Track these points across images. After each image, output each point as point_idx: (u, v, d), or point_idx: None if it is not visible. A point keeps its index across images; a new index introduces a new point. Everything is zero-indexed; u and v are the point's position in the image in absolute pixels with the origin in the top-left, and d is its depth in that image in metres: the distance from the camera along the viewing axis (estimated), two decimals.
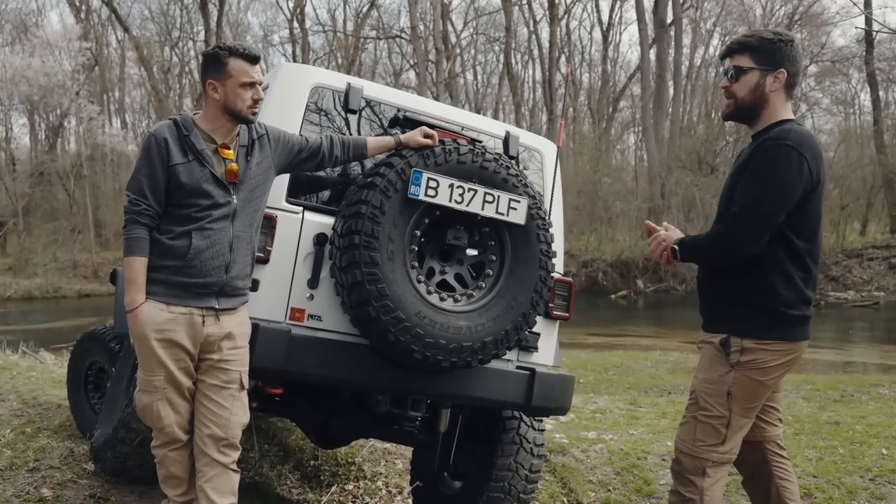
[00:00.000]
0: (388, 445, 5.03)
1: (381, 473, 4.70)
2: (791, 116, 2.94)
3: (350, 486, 4.47)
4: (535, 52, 43.26)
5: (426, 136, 3.18)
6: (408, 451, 4.80)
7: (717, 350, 2.88)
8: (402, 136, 3.20)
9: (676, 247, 2.96)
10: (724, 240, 2.85)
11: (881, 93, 35.38)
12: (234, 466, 2.97)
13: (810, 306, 2.92)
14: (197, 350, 2.90)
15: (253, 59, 2.95)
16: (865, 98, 38.80)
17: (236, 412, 2.95)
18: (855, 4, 24.25)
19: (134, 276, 2.83)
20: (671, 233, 3.05)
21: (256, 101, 2.95)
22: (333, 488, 4.39)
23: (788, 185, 2.74)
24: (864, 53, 33.15)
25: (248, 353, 2.98)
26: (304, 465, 4.65)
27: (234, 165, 2.91)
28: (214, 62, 2.93)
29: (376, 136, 3.36)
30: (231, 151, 2.94)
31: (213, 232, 2.86)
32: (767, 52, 2.89)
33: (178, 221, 2.86)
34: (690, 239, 2.99)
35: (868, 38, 32.04)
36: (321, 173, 3.35)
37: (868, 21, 26.07)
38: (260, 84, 2.96)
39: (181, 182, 2.83)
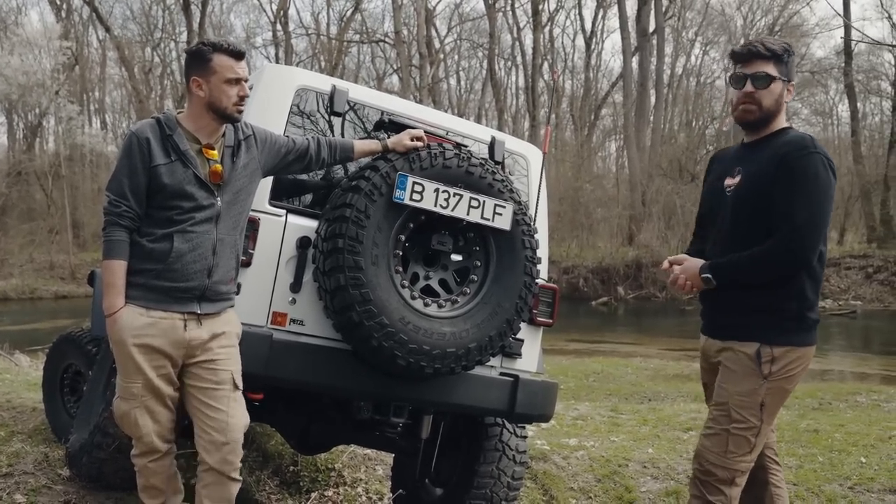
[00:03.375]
0: (368, 451, 4.99)
1: (361, 479, 4.66)
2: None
3: (330, 493, 4.43)
4: (519, 59, 43.44)
5: (415, 137, 3.15)
6: (388, 458, 4.76)
7: (752, 361, 2.85)
8: (389, 141, 3.16)
9: (709, 274, 2.89)
10: (786, 255, 2.77)
11: (859, 104, 35.92)
12: (236, 475, 2.86)
13: None
14: (180, 355, 2.80)
15: (238, 55, 2.85)
16: (843, 109, 39.43)
17: (233, 413, 2.83)
18: (837, 13, 24.53)
19: (113, 279, 2.73)
20: (689, 264, 2.98)
21: (242, 98, 2.84)
22: (313, 494, 4.34)
23: (832, 191, 2.80)
24: (842, 65, 33.58)
25: (239, 353, 2.90)
26: (284, 470, 4.60)
27: (218, 167, 2.82)
28: (198, 58, 2.85)
29: (361, 139, 3.32)
30: (216, 152, 2.84)
31: (196, 235, 2.77)
32: (787, 64, 2.91)
33: (159, 224, 2.76)
34: (726, 262, 2.89)
35: (847, 50, 32.48)
36: (305, 176, 3.32)
37: (847, 31, 26.40)
38: (246, 81, 2.86)
39: (163, 183, 2.73)
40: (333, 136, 3.41)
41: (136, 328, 2.73)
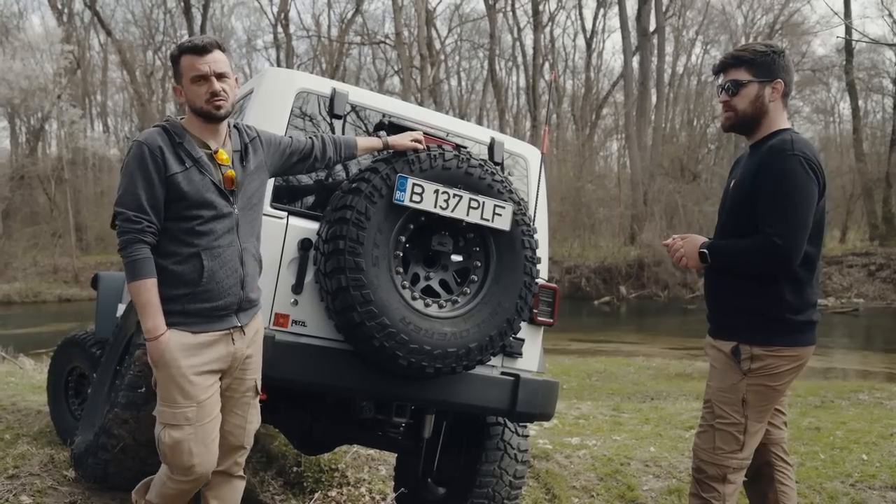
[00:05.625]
0: (371, 451, 5.02)
1: (364, 480, 4.68)
2: (787, 125, 2.98)
3: (333, 493, 4.45)
4: (519, 59, 43.47)
5: (414, 139, 3.17)
6: (391, 458, 4.78)
7: (729, 358, 2.91)
8: (390, 138, 3.18)
9: (705, 251, 2.95)
10: (768, 254, 2.79)
11: (860, 102, 35.90)
12: (241, 473, 2.88)
13: (816, 310, 2.96)
14: (225, 370, 2.73)
15: (199, 50, 2.66)
16: (845, 107, 39.41)
17: (251, 419, 2.84)
18: (836, 13, 24.54)
19: (149, 298, 2.55)
20: (691, 239, 3.04)
21: (215, 95, 2.65)
22: (317, 494, 4.37)
23: (812, 192, 2.80)
24: (843, 63, 33.57)
25: (261, 358, 2.88)
26: (287, 471, 4.63)
27: (231, 172, 2.70)
28: (173, 64, 2.75)
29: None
30: (226, 157, 2.72)
31: (223, 249, 2.65)
32: (763, 64, 2.93)
33: (180, 240, 2.61)
34: (722, 244, 2.96)
35: (848, 48, 32.46)
36: (306, 178, 3.34)
37: (848, 30, 26.42)
38: (219, 75, 2.67)
39: (183, 192, 2.58)
40: None
41: (186, 349, 2.61)
